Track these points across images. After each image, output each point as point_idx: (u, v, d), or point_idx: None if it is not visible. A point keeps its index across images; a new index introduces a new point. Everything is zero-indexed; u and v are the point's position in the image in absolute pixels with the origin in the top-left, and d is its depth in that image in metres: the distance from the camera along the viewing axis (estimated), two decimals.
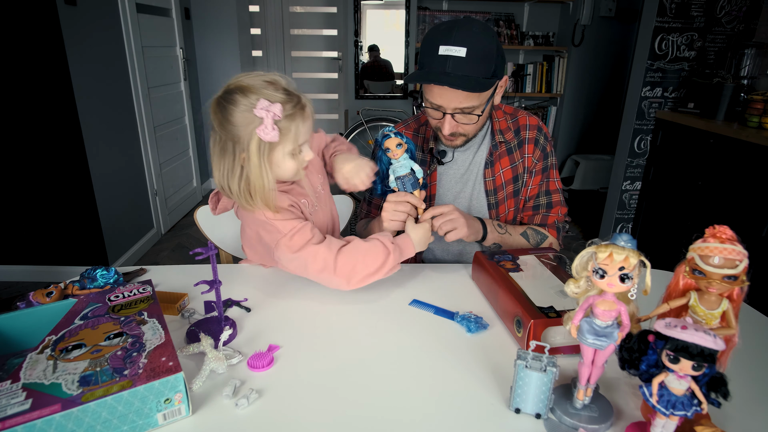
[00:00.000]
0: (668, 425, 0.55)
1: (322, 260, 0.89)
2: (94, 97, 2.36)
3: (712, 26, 2.54)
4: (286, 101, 0.84)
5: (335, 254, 0.89)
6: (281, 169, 0.90)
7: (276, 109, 0.82)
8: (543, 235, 1.18)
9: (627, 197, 2.89)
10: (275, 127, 0.83)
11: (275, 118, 0.82)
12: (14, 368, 0.60)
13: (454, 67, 0.95)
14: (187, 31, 3.58)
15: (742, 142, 2.05)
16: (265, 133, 0.82)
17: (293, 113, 0.85)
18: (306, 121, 0.88)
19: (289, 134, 0.85)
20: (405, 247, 0.95)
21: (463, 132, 1.07)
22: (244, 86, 0.84)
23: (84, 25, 2.28)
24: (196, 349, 0.74)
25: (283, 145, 0.86)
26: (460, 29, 0.95)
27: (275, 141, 0.84)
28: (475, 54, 0.95)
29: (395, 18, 4.11)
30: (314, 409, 0.65)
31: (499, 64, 1.00)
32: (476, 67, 0.95)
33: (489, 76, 0.98)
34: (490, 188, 1.18)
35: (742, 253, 0.53)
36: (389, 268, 0.92)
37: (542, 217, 1.20)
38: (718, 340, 0.48)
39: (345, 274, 0.89)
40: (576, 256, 0.57)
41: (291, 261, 0.91)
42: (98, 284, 0.87)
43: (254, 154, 0.84)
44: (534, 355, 0.62)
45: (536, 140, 1.18)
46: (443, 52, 0.95)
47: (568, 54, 3.85)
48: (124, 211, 2.69)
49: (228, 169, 0.87)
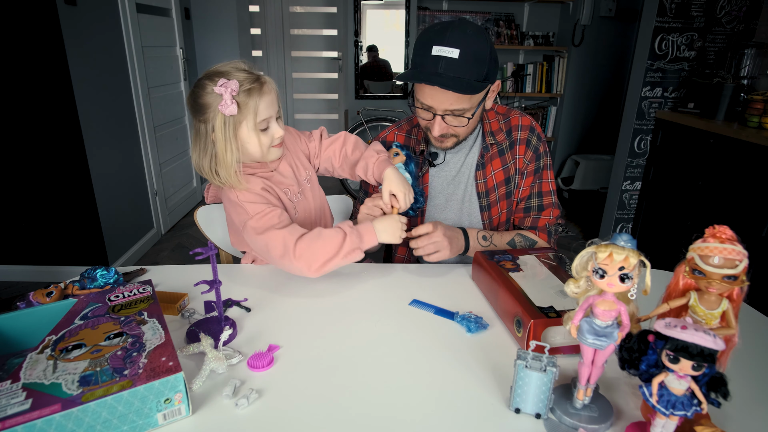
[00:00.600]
0: (668, 425, 0.55)
1: (282, 245, 0.92)
2: (94, 97, 2.36)
3: (712, 26, 2.54)
4: (245, 79, 0.92)
5: (296, 239, 0.93)
6: (250, 144, 0.96)
7: (233, 85, 0.90)
8: (532, 241, 1.16)
9: (627, 197, 2.89)
10: (233, 101, 0.90)
11: (233, 93, 0.90)
12: (14, 368, 0.60)
13: (447, 68, 0.95)
14: (187, 31, 3.58)
15: (742, 142, 2.05)
16: (224, 106, 0.90)
17: (251, 88, 0.92)
18: (264, 96, 0.94)
19: (248, 108, 0.93)
20: (365, 232, 0.96)
21: (454, 133, 1.07)
22: (210, 72, 0.94)
23: (84, 25, 2.28)
24: (196, 349, 0.74)
25: (246, 120, 0.93)
26: (455, 30, 0.95)
27: (234, 114, 0.91)
28: (468, 56, 0.95)
29: (395, 18, 4.12)
30: (314, 408, 0.65)
31: (492, 68, 1.00)
32: (469, 69, 0.95)
33: (481, 80, 0.98)
34: (481, 190, 1.17)
35: (742, 253, 0.53)
36: (348, 251, 0.94)
37: (533, 219, 1.18)
38: (718, 340, 0.48)
39: (305, 259, 0.92)
40: (576, 256, 0.57)
41: (255, 243, 0.96)
42: (98, 284, 0.87)
43: (219, 129, 0.92)
44: (534, 355, 0.62)
45: (528, 141, 1.16)
46: (436, 52, 0.95)
47: (568, 54, 3.85)
48: (124, 211, 2.69)
49: (201, 149, 0.96)
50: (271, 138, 0.98)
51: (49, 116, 2.20)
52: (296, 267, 0.93)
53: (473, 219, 1.20)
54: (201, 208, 1.31)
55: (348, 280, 1.03)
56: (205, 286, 0.79)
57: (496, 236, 1.13)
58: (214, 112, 0.92)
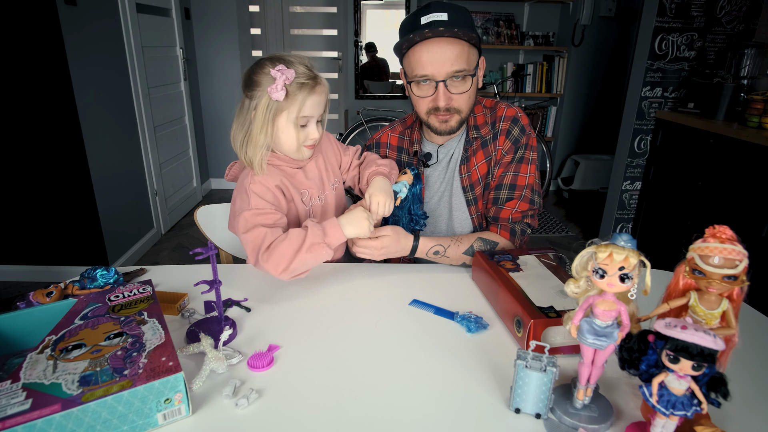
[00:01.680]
0: (668, 425, 0.55)
1: (258, 244, 0.92)
2: (94, 97, 2.36)
3: (712, 26, 2.54)
4: (303, 73, 0.95)
5: (269, 242, 0.92)
6: (284, 135, 0.97)
7: (289, 74, 0.92)
8: (493, 243, 1.11)
9: (627, 197, 2.89)
10: (284, 88, 0.92)
11: (286, 81, 0.92)
12: (14, 368, 0.60)
13: (439, 26, 0.98)
14: (187, 31, 3.58)
15: (742, 142, 2.05)
16: (274, 90, 0.92)
17: (305, 83, 0.94)
18: (314, 96, 0.96)
19: (295, 100, 0.94)
20: (329, 227, 0.96)
21: (457, 107, 1.07)
22: (274, 55, 0.97)
23: (84, 25, 2.28)
24: (196, 349, 0.74)
25: (288, 111, 0.95)
26: (437, 3, 1.00)
27: (280, 101, 0.93)
28: (456, 17, 0.99)
29: (395, 18, 4.12)
30: (314, 409, 0.65)
31: (478, 36, 1.02)
32: (460, 27, 0.98)
33: (473, 40, 1.01)
34: (466, 184, 1.17)
35: (742, 253, 0.53)
36: (310, 243, 0.92)
37: (496, 209, 1.13)
38: (718, 340, 0.48)
39: (273, 259, 0.91)
40: (576, 256, 0.57)
41: (241, 234, 0.95)
42: (98, 284, 0.87)
43: (261, 110, 0.94)
44: (534, 355, 0.62)
45: (509, 131, 1.13)
46: (425, 20, 0.99)
47: (568, 54, 3.85)
48: (124, 211, 2.69)
49: (240, 123, 0.98)
50: (305, 136, 0.99)
51: (49, 116, 2.20)
52: (266, 268, 0.92)
53: (462, 214, 1.19)
54: (201, 208, 1.31)
55: (348, 280, 1.03)
56: (205, 286, 0.79)
57: (452, 247, 1.09)
58: (262, 91, 0.94)
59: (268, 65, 0.93)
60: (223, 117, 3.99)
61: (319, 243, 0.92)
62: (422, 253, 1.08)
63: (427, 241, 1.08)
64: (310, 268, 0.96)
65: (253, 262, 0.94)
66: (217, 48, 3.81)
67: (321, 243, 0.93)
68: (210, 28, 3.76)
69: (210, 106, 3.95)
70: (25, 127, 2.20)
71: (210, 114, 3.97)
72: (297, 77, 0.93)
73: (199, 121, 3.88)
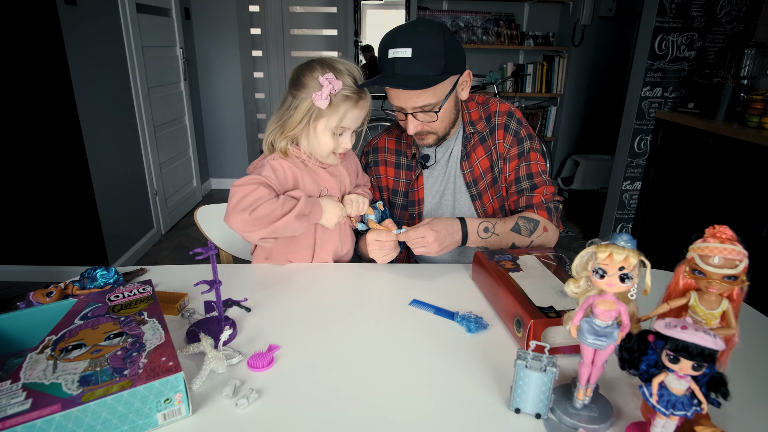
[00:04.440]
0: (668, 425, 0.55)
1: (244, 195, 0.93)
2: (94, 97, 2.36)
3: (712, 26, 2.54)
4: (350, 85, 0.98)
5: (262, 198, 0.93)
6: (319, 139, 1.01)
7: (337, 85, 0.95)
8: (535, 221, 1.13)
9: (627, 197, 2.89)
10: (328, 97, 0.95)
11: (332, 91, 0.95)
12: (14, 368, 0.60)
13: (402, 68, 0.98)
14: (187, 31, 3.58)
15: (742, 142, 2.05)
16: (318, 97, 0.95)
17: (349, 96, 0.98)
18: (356, 110, 1.00)
19: (337, 111, 0.98)
20: (315, 205, 1.00)
21: (430, 130, 1.09)
22: (326, 60, 1.00)
23: (84, 25, 2.28)
24: (196, 349, 0.74)
25: (328, 118, 0.98)
26: (405, 31, 0.99)
27: (322, 109, 0.96)
28: (420, 53, 0.97)
29: (395, 18, 4.12)
30: (314, 409, 0.65)
31: (451, 59, 1.00)
32: (423, 66, 0.98)
33: (439, 73, 0.99)
34: (469, 180, 1.18)
35: (742, 253, 0.53)
36: (299, 212, 0.95)
37: (527, 198, 1.17)
38: (718, 340, 0.48)
39: (258, 213, 0.92)
40: (576, 256, 0.57)
41: (233, 186, 0.96)
42: (98, 284, 0.87)
43: (302, 111, 0.98)
44: (534, 355, 0.62)
45: (506, 125, 1.16)
46: (391, 55, 1.00)
47: (568, 54, 3.85)
48: (124, 211, 2.69)
49: (279, 116, 1.02)
50: (337, 144, 1.02)
51: (49, 116, 2.20)
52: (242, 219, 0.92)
53: (466, 211, 1.20)
54: (201, 208, 1.31)
55: (348, 280, 1.03)
56: (205, 286, 0.79)
57: (499, 224, 1.11)
58: (307, 94, 0.97)
59: (318, 70, 0.96)
60: (223, 117, 3.99)
61: (306, 215, 0.97)
62: (473, 232, 1.08)
63: (473, 221, 1.10)
64: (283, 236, 1.00)
65: (230, 209, 0.94)
66: (217, 48, 3.81)
67: (308, 215, 0.98)
68: (210, 28, 3.76)
69: (210, 106, 3.95)
70: (25, 128, 2.20)
71: (210, 114, 3.98)
72: (343, 89, 0.96)
73: (199, 121, 3.88)
